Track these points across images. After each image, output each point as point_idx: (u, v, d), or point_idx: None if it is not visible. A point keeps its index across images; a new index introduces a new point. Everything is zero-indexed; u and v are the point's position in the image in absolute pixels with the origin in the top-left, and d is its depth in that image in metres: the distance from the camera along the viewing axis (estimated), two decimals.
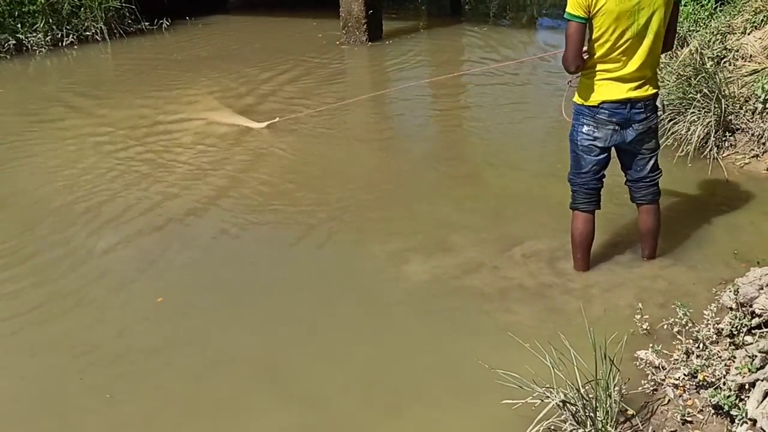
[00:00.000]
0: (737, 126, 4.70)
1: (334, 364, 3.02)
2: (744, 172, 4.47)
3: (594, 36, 3.09)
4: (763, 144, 4.54)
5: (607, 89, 3.16)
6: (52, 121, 6.57)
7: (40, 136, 6.09)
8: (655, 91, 3.22)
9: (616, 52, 3.08)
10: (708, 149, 4.64)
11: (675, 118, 4.79)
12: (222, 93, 7.02)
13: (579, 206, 3.40)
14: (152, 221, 4.37)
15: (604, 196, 3.46)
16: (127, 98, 7.11)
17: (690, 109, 4.71)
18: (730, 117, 4.72)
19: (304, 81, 7.40)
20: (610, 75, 3.13)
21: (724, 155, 4.66)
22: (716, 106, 4.59)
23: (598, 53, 3.11)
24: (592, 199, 3.38)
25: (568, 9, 3.07)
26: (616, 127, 3.20)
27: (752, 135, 4.61)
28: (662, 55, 3.53)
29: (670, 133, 4.76)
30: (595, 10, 3.01)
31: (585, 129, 3.25)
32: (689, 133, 4.66)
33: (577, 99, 3.28)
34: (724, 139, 4.69)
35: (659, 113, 3.36)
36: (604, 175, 3.38)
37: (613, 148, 3.33)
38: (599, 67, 3.15)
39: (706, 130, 4.65)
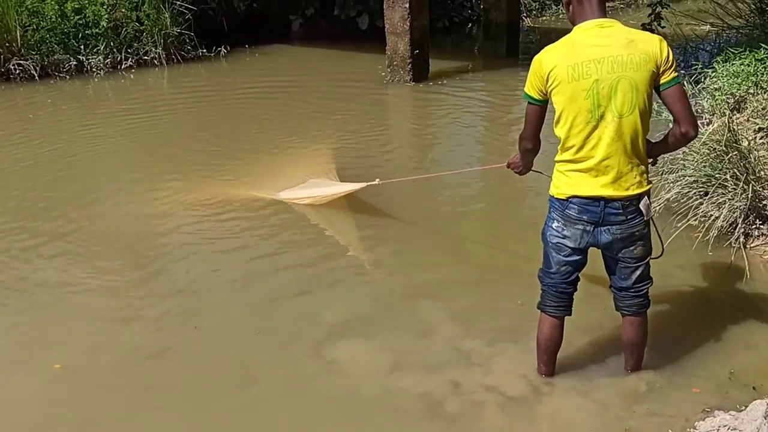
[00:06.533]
0: None
1: None
2: None
3: (555, 118, 2.69)
4: None
5: (576, 182, 2.70)
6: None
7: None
8: (638, 191, 2.67)
9: (578, 139, 2.64)
10: (734, 237, 4.09)
11: (701, 199, 4.26)
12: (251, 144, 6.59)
13: (546, 309, 2.95)
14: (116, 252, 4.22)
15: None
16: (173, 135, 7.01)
17: (718, 189, 4.17)
18: (765, 202, 4.16)
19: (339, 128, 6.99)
20: (577, 166, 2.69)
21: (752, 245, 4.09)
22: (745, 188, 4.04)
23: (561, 138, 2.70)
24: (562, 304, 2.91)
25: (525, 88, 2.70)
26: (588, 227, 2.72)
27: None
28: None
29: (694, 212, 4.24)
30: (550, 90, 2.62)
31: (555, 225, 2.81)
32: (713, 217, 4.12)
33: (550, 190, 2.84)
34: (754, 226, 4.13)
35: (644, 218, 2.76)
36: (578, 278, 2.91)
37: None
38: (564, 155, 2.72)
39: (733, 216, 4.11)
